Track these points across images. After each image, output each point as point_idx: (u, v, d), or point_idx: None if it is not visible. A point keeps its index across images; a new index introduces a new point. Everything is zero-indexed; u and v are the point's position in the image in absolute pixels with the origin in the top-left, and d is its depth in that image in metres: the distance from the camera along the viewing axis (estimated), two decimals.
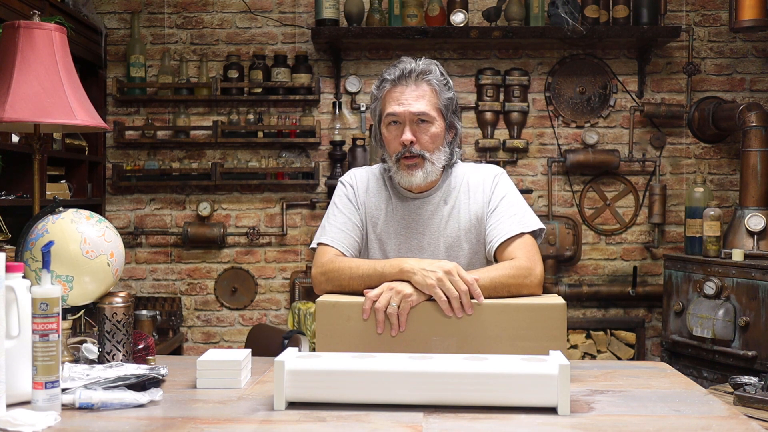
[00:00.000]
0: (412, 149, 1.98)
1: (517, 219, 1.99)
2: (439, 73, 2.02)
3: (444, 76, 2.03)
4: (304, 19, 4.43)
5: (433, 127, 1.99)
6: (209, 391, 1.60)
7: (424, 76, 1.99)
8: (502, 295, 1.81)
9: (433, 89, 2.00)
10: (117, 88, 4.34)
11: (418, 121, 1.98)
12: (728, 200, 4.37)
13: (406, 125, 1.98)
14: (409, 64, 2.00)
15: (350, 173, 2.16)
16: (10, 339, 1.44)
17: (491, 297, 1.79)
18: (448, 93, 2.03)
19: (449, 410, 1.44)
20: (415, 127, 1.98)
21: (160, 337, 4.09)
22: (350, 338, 1.72)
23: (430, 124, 1.99)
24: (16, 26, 1.98)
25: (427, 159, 1.99)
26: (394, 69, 2.01)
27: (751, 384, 2.38)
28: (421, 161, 1.98)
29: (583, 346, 4.30)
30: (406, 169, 1.99)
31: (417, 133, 1.98)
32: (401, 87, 1.99)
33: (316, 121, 4.35)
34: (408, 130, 1.97)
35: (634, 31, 4.15)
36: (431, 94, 1.99)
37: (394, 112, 1.98)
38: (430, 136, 1.99)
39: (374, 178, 2.12)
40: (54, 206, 1.74)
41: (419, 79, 1.99)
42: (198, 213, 4.40)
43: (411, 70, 1.99)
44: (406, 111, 1.97)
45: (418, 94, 1.98)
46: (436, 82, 2.00)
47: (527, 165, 4.43)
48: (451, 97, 2.03)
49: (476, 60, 4.42)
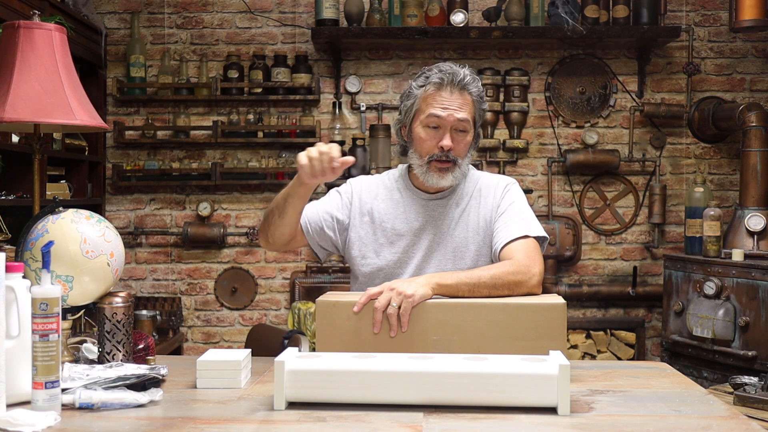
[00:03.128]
0: (449, 155, 2.03)
1: (524, 224, 2.04)
2: (480, 86, 2.09)
3: (482, 89, 2.10)
4: (304, 19, 4.43)
5: (468, 136, 2.06)
6: (209, 391, 1.60)
7: (469, 86, 2.04)
8: (502, 292, 1.83)
9: (473, 100, 2.06)
10: (117, 88, 4.34)
11: (457, 129, 2.04)
12: (728, 200, 4.37)
13: (447, 131, 2.03)
14: (457, 71, 2.04)
15: (359, 178, 2.22)
16: (10, 339, 1.44)
17: (491, 294, 1.81)
18: (484, 105, 2.10)
19: (449, 410, 1.44)
20: (454, 134, 2.04)
21: (160, 337, 4.08)
22: (350, 338, 1.72)
23: (467, 133, 2.05)
24: (16, 26, 1.98)
25: (458, 164, 2.05)
26: (441, 73, 2.04)
27: (751, 384, 2.38)
28: (453, 166, 2.05)
29: (583, 346, 4.30)
30: (438, 171, 2.04)
31: (454, 139, 2.04)
32: (446, 92, 2.03)
33: (316, 121, 4.35)
34: (448, 136, 2.03)
35: (634, 31, 4.15)
36: (471, 105, 2.05)
37: (437, 115, 2.02)
38: (465, 145, 2.06)
39: (383, 185, 2.17)
40: (54, 206, 1.74)
41: (464, 89, 2.04)
42: (198, 213, 4.40)
43: (460, 79, 2.03)
44: (451, 117, 2.02)
45: (461, 102, 2.03)
46: (477, 93, 2.06)
47: (527, 165, 4.43)
48: (484, 109, 2.11)
49: (476, 60, 4.42)
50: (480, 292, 1.82)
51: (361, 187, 2.16)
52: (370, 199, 2.14)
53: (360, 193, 2.15)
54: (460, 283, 1.81)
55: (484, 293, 1.81)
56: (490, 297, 1.80)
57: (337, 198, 2.16)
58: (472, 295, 1.81)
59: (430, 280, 1.79)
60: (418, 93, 2.05)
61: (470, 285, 1.82)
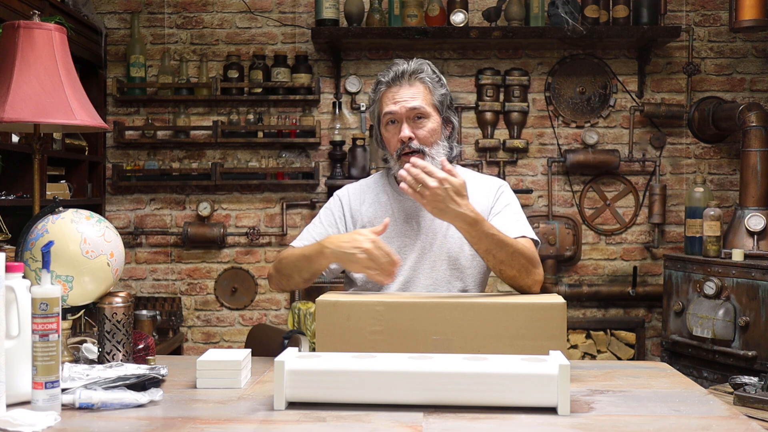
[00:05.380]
0: (411, 144, 2.04)
1: (521, 224, 2.05)
2: (431, 71, 2.10)
3: (436, 74, 2.10)
4: (304, 19, 4.43)
5: (429, 123, 2.06)
6: (209, 391, 1.60)
7: (417, 75, 2.07)
8: (511, 270, 1.89)
9: (427, 86, 2.07)
10: (117, 88, 4.34)
11: (414, 117, 2.04)
12: (728, 200, 4.37)
13: (404, 122, 2.04)
14: (401, 66, 2.08)
15: (345, 188, 2.23)
16: (10, 339, 1.44)
17: (503, 261, 1.88)
18: (441, 89, 2.10)
19: (449, 410, 1.44)
20: (412, 123, 2.05)
21: (160, 337, 4.09)
22: (350, 338, 1.72)
23: (426, 119, 2.05)
24: (16, 26, 1.98)
25: (427, 153, 2.04)
26: (388, 71, 2.09)
27: (751, 384, 2.38)
28: (421, 156, 2.03)
29: (583, 346, 4.30)
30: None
31: (414, 129, 2.04)
32: (396, 87, 2.06)
33: (316, 121, 4.35)
34: (406, 127, 2.04)
35: (634, 31, 4.15)
36: (425, 91, 2.06)
37: (390, 111, 2.05)
38: (427, 131, 2.05)
39: (369, 189, 2.18)
40: (54, 206, 1.74)
41: (412, 79, 2.06)
42: (198, 213, 4.40)
43: (404, 71, 2.06)
44: (402, 108, 2.04)
45: (412, 92, 2.05)
46: (429, 79, 2.08)
47: (527, 165, 4.43)
48: (444, 93, 2.10)
49: (476, 60, 4.42)
50: (497, 253, 1.87)
51: (349, 195, 2.18)
52: (359, 205, 2.15)
53: (349, 202, 2.17)
54: (491, 233, 1.86)
55: (499, 256, 1.87)
56: (500, 263, 1.88)
57: (330, 216, 2.17)
58: (488, 250, 1.87)
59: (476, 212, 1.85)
60: (376, 97, 2.11)
61: (497, 241, 1.87)
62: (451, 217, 1.84)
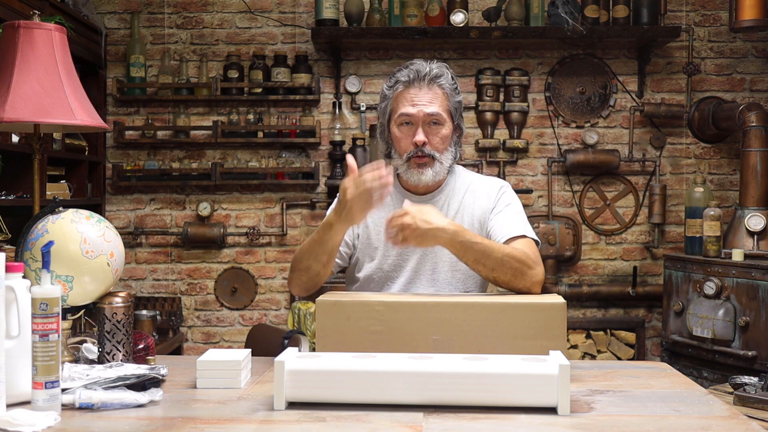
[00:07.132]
0: (423, 149, 2.03)
1: (521, 224, 2.05)
2: (450, 77, 2.08)
3: (454, 81, 2.09)
4: (304, 19, 4.43)
5: (443, 129, 2.05)
6: (209, 391, 1.60)
7: (437, 79, 2.05)
8: (504, 275, 1.88)
9: (445, 93, 2.06)
10: (117, 88, 4.34)
11: (430, 123, 2.04)
12: (728, 200, 4.37)
13: (419, 126, 2.03)
14: (423, 67, 2.05)
15: None
16: (10, 339, 1.44)
17: (494, 269, 1.87)
18: (458, 96, 2.09)
19: (449, 410, 1.44)
20: (427, 128, 2.04)
21: (160, 337, 4.08)
22: (350, 338, 1.72)
23: (441, 126, 2.05)
24: (16, 26, 1.98)
25: (437, 159, 2.05)
26: (408, 70, 2.06)
27: (751, 384, 2.38)
28: (431, 161, 2.04)
29: (583, 346, 4.30)
30: (417, 167, 2.05)
31: (428, 134, 2.04)
32: (415, 89, 2.04)
33: (316, 121, 4.35)
34: (421, 132, 2.03)
35: (634, 31, 4.15)
36: (443, 98, 2.05)
37: (407, 113, 2.03)
38: (441, 138, 2.05)
39: None
40: (54, 206, 1.74)
41: (432, 83, 2.04)
42: (198, 213, 4.40)
43: (425, 74, 2.04)
44: (421, 112, 2.03)
45: (431, 97, 2.03)
46: (448, 86, 2.06)
47: (527, 165, 4.43)
48: (459, 101, 2.10)
49: (476, 60, 4.42)
50: (486, 262, 1.86)
51: None
52: None
53: None
54: (474, 241, 1.86)
55: (488, 264, 1.86)
56: (491, 271, 1.87)
57: None
58: (476, 260, 1.86)
59: (454, 224, 1.86)
60: (390, 94, 2.08)
61: (482, 249, 1.86)
62: (432, 237, 1.84)
